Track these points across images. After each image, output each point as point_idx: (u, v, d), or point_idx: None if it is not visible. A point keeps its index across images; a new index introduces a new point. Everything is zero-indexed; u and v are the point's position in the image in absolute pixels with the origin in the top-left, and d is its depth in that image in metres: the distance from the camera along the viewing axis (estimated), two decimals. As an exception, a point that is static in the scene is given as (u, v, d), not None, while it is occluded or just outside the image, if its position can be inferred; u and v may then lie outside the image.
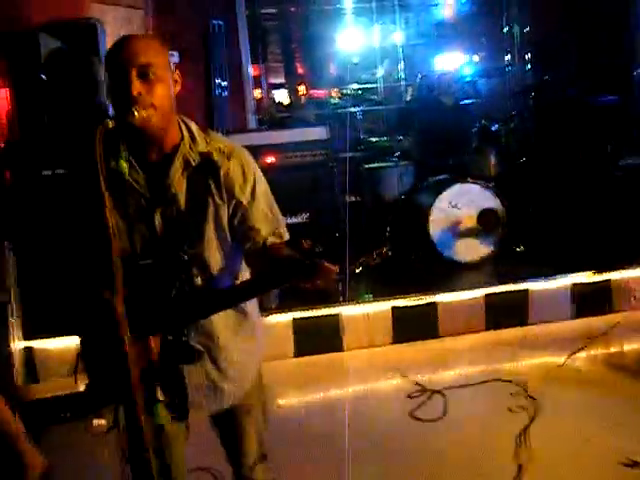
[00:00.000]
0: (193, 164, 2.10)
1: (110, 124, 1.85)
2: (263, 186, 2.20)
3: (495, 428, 3.96)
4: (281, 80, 11.31)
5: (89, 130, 1.81)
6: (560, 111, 7.40)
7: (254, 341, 2.35)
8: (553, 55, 8.60)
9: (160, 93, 2.00)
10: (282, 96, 11.00)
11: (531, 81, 8.26)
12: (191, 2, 7.10)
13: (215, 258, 2.15)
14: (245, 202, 2.13)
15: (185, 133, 2.13)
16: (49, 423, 4.22)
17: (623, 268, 5.66)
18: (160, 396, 1.99)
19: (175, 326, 2.02)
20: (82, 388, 2.20)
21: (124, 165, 2.03)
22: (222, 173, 2.10)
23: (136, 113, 1.92)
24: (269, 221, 2.18)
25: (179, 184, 2.09)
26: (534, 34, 8.54)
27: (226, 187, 2.11)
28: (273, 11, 9.79)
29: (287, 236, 2.21)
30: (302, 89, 10.48)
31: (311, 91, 10.08)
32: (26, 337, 5.04)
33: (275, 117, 9.05)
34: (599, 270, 5.63)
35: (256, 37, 9.24)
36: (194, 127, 2.17)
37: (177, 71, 2.14)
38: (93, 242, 1.95)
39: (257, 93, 10.20)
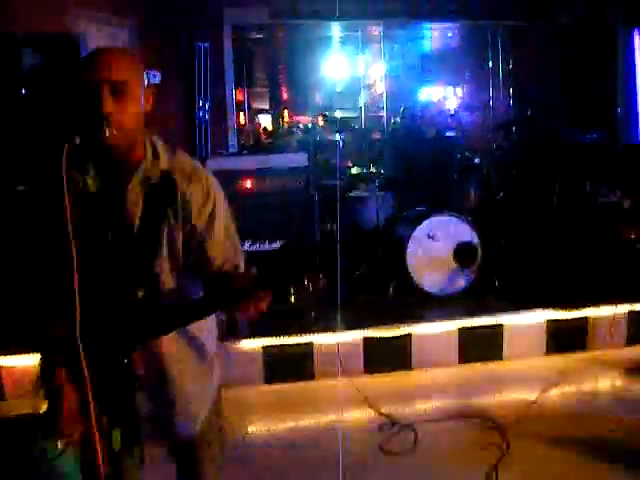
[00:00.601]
0: (152, 181, 2.04)
1: (77, 140, 1.80)
2: (223, 213, 2.14)
3: (464, 464, 3.91)
4: (265, 105, 11.33)
5: (57, 146, 1.76)
6: (541, 147, 7.45)
7: (209, 374, 2.30)
8: (536, 91, 8.68)
9: (132, 111, 1.95)
10: (266, 121, 11.01)
11: (513, 116, 8.31)
12: (177, 23, 7.09)
13: (167, 278, 2.08)
14: (201, 228, 2.07)
15: (149, 150, 2.08)
16: (14, 442, 4.14)
17: (599, 305, 5.64)
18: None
19: (122, 348, 1.95)
20: (43, 409, 2.14)
21: (90, 182, 1.98)
22: (180, 193, 2.04)
23: (107, 131, 1.87)
24: (225, 251, 2.13)
25: (136, 201, 2.02)
26: (518, 70, 8.61)
27: (183, 209, 2.05)
28: (260, 36, 9.81)
29: (243, 267, 2.14)
30: (286, 115, 10.50)
31: (295, 117, 10.09)
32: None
33: (260, 141, 9.05)
34: (574, 306, 5.61)
35: (242, 62, 9.26)
36: (160, 145, 2.12)
37: (152, 88, 2.08)
38: (53, 260, 1.90)
39: (241, 118, 10.21)
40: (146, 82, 2.05)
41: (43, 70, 4.93)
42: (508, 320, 5.49)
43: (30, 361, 4.83)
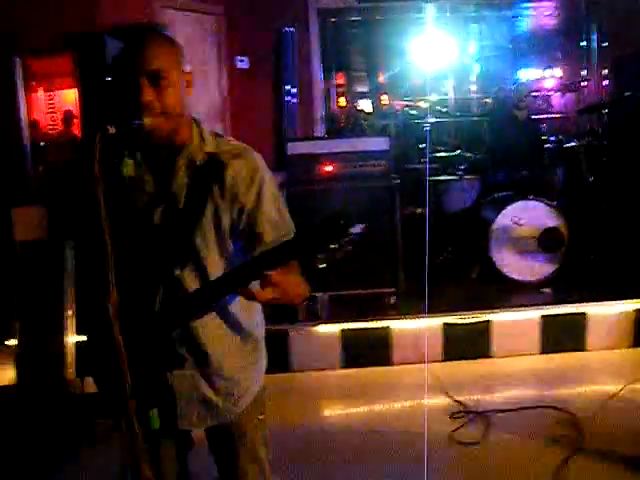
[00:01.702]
0: (198, 163, 2.05)
1: (111, 130, 1.83)
2: (272, 190, 2.12)
3: (535, 456, 3.83)
4: (364, 89, 11.32)
5: (91, 136, 1.80)
6: (635, 130, 7.14)
7: (253, 357, 2.27)
8: (631, 72, 8.32)
9: (171, 99, 1.96)
10: (365, 105, 10.99)
11: (607, 98, 8.00)
12: (263, 8, 7.13)
13: (213, 260, 2.08)
14: (250, 206, 2.06)
15: (195, 135, 2.09)
16: (98, 417, 4.30)
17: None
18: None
19: (163, 329, 1.99)
20: (91, 389, 2.21)
21: (128, 167, 2.02)
22: (227, 174, 2.04)
23: (146, 120, 1.89)
24: (276, 227, 2.09)
25: (181, 182, 2.04)
26: (612, 50, 8.28)
27: (230, 188, 2.04)
28: (352, 19, 9.79)
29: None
30: (385, 99, 10.45)
31: (394, 101, 10.04)
32: (80, 331, 5.12)
33: (358, 125, 9.03)
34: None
35: (337, 45, 9.26)
36: (206, 129, 2.13)
37: (190, 72, 2.10)
38: (90, 246, 1.95)
39: (341, 101, 10.25)
40: (185, 67, 2.06)
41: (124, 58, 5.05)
42: (593, 309, 5.32)
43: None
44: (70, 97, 7.28)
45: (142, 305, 2.03)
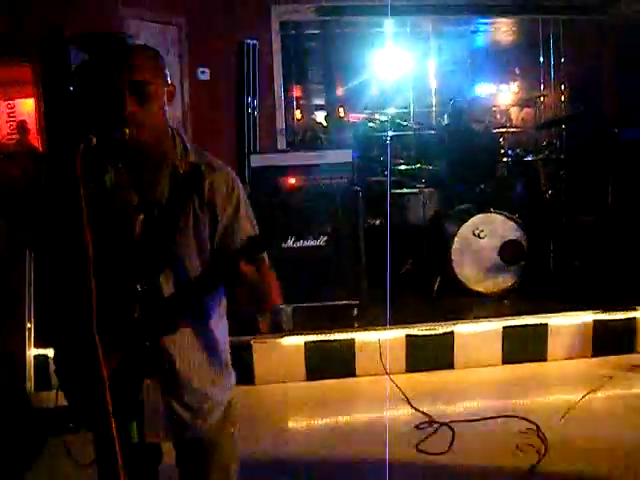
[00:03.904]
0: (181, 172, 2.06)
1: (94, 140, 1.83)
2: (247, 206, 2.16)
3: (501, 465, 3.87)
4: (321, 102, 11.37)
5: (72, 147, 1.79)
6: (593, 144, 7.30)
7: (222, 371, 2.26)
8: (588, 87, 8.51)
9: (153, 110, 1.97)
10: (321, 118, 11.05)
11: (565, 112, 8.16)
12: (225, 20, 7.14)
13: (195, 269, 2.08)
14: (226, 220, 2.08)
15: (178, 146, 2.10)
16: (54, 432, 4.23)
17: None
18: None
19: (143, 336, 1.98)
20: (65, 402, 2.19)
21: (108, 180, 2.01)
22: (206, 184, 2.05)
23: (128, 131, 1.90)
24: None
25: (163, 191, 2.05)
26: (570, 66, 8.45)
27: (209, 199, 2.06)
28: (312, 32, 9.84)
29: (267, 260, 2.12)
30: (341, 111, 10.52)
31: (349, 114, 10.10)
32: (41, 344, 5.04)
33: (317, 137, 9.07)
34: (622, 308, 5.50)
35: (295, 59, 9.29)
36: (188, 141, 2.15)
37: (172, 83, 2.10)
38: (70, 255, 1.94)
39: (297, 114, 10.27)
40: (168, 80, 2.06)
41: (88, 67, 5.01)
42: (553, 320, 5.41)
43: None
44: (27, 106, 7.20)
45: (121, 313, 2.01)
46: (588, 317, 5.42)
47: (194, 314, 2.12)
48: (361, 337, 5.26)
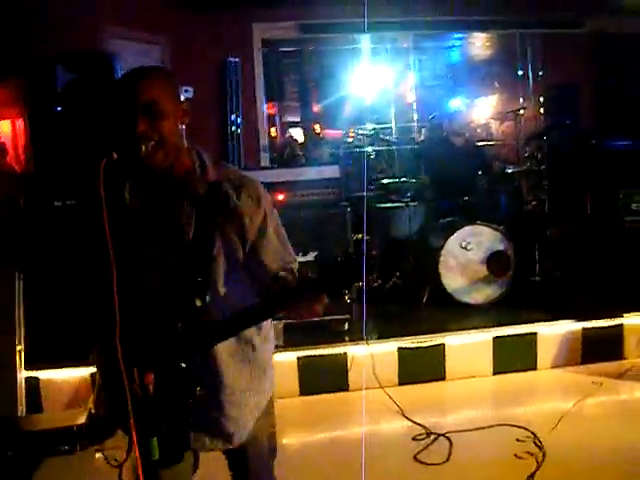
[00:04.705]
0: (202, 193, 2.08)
1: (115, 156, 1.87)
2: (275, 219, 2.18)
3: (501, 474, 3.90)
4: (297, 119, 11.38)
5: (95, 162, 1.83)
6: (573, 155, 7.41)
7: (262, 380, 2.30)
8: (567, 100, 8.65)
9: (166, 128, 2.01)
10: (297, 134, 11.06)
11: (544, 125, 8.28)
12: (208, 39, 7.18)
13: (221, 289, 2.11)
14: (254, 235, 2.11)
15: (196, 162, 2.13)
16: (47, 455, 4.21)
17: (633, 314, 5.60)
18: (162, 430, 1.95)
19: (179, 357, 2.00)
20: (83, 420, 2.20)
21: (127, 197, 2.04)
22: (231, 204, 2.08)
23: (143, 148, 1.95)
24: (280, 256, 2.16)
25: (188, 213, 2.08)
26: (549, 78, 8.59)
27: (235, 218, 2.08)
28: (290, 50, 9.88)
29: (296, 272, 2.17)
30: (317, 128, 10.54)
31: (326, 130, 10.12)
32: (32, 367, 5.01)
33: (293, 155, 9.08)
34: (610, 315, 5.58)
35: (273, 75, 9.32)
36: (206, 157, 2.17)
37: (186, 102, 2.14)
38: (95, 274, 1.95)
39: (272, 131, 10.27)
40: (182, 97, 2.10)
41: (78, 87, 5.01)
42: (542, 329, 5.47)
43: (68, 374, 4.93)
44: (4, 128, 7.14)
45: (160, 335, 2.03)
46: (576, 325, 5.49)
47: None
48: (353, 351, 5.28)
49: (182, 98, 2.13)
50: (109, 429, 2.10)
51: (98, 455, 3.95)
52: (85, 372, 4.86)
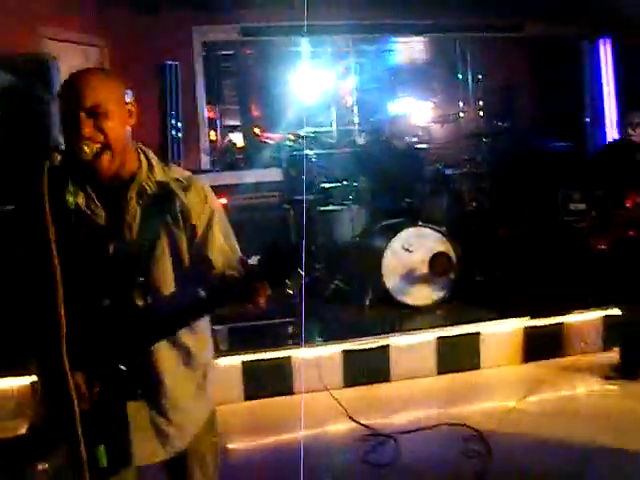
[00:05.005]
0: (149, 192, 2.07)
1: (58, 158, 1.82)
2: (221, 219, 2.18)
3: (450, 472, 3.93)
4: (236, 122, 11.30)
5: (36, 165, 1.78)
6: (511, 157, 7.53)
7: (203, 385, 2.28)
8: (506, 103, 8.80)
9: (111, 130, 1.98)
10: (237, 138, 10.97)
11: (484, 127, 8.39)
12: (147, 41, 7.09)
13: (169, 288, 2.10)
14: (201, 234, 2.10)
15: (143, 161, 2.11)
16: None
17: (574, 312, 5.70)
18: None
19: (120, 359, 1.95)
20: (23, 431, 2.13)
21: (71, 199, 1.99)
22: (179, 202, 2.07)
23: (87, 149, 1.93)
24: (226, 255, 2.14)
25: (134, 213, 2.06)
26: (488, 82, 8.71)
27: (183, 217, 2.08)
28: (230, 53, 9.82)
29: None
30: (257, 131, 10.48)
31: (266, 134, 10.08)
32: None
33: (233, 158, 9.03)
34: (551, 314, 5.67)
35: (212, 79, 9.25)
36: (153, 157, 2.16)
37: (132, 103, 2.10)
38: (38, 279, 1.90)
39: (212, 135, 10.18)
40: (126, 99, 2.07)
41: (12, 89, 4.89)
42: (485, 329, 5.53)
43: (8, 384, 4.79)
44: None
45: (100, 335, 1.99)
46: (518, 324, 5.57)
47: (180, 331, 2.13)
48: (298, 354, 5.25)
49: (128, 99, 2.08)
50: (51, 440, 2.01)
51: (40, 467, 3.85)
52: (26, 381, 4.73)
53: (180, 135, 7.45)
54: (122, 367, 1.95)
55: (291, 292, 1.97)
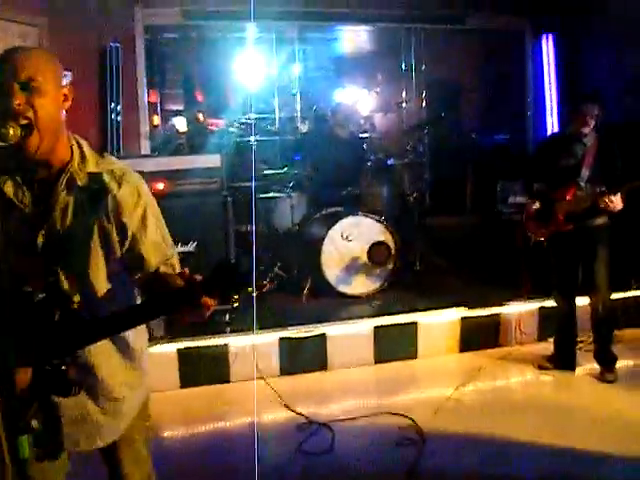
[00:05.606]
0: (80, 184, 2.01)
1: None
2: (155, 214, 2.12)
3: (382, 462, 3.94)
4: (179, 107, 11.16)
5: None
6: (453, 148, 7.58)
7: (138, 374, 2.25)
8: (448, 94, 8.85)
9: (42, 107, 1.90)
10: (180, 123, 10.82)
11: (427, 118, 8.43)
12: (88, 23, 6.90)
13: (101, 283, 2.04)
14: (134, 229, 2.05)
15: (75, 151, 2.04)
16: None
17: (510, 303, 5.77)
18: (32, 427, 1.84)
19: (53, 355, 1.88)
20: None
21: (6, 188, 1.96)
22: (111, 196, 2.01)
23: (11, 130, 1.83)
24: (160, 250, 2.10)
25: (64, 204, 1.99)
26: (431, 73, 8.75)
27: (114, 211, 2.02)
28: (173, 36, 9.66)
29: (178, 267, 2.12)
30: (200, 117, 10.36)
31: (209, 119, 9.97)
32: None
33: (174, 144, 8.89)
34: (488, 304, 5.73)
35: (155, 63, 9.10)
36: (86, 147, 2.09)
37: (69, 87, 2.03)
38: None
39: (154, 119, 10.01)
40: (64, 81, 1.99)
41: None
42: (422, 319, 5.57)
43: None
44: None
45: (31, 327, 1.90)
46: (455, 314, 5.62)
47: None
48: (234, 342, 5.22)
49: (64, 82, 2.01)
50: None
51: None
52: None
53: (120, 119, 7.29)
54: (55, 362, 1.86)
55: (236, 304, 1.90)
